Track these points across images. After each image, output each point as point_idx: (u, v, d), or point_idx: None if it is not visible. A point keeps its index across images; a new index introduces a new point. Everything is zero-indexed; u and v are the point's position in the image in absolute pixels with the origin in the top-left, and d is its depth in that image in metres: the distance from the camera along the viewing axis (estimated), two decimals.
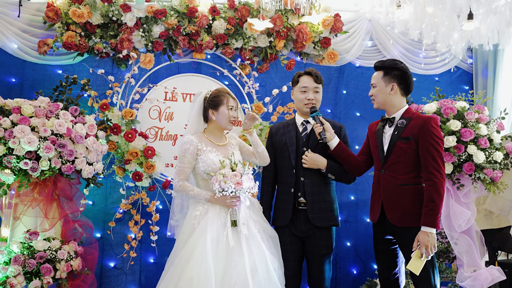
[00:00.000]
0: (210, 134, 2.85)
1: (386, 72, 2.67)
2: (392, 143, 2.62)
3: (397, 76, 2.66)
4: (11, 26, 3.55)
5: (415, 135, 2.55)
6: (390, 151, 2.62)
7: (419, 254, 2.42)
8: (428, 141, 2.51)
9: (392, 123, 2.66)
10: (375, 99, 2.72)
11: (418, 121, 2.58)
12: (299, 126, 2.97)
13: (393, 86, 2.65)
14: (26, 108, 2.95)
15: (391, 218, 2.58)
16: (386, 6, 3.69)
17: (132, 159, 3.47)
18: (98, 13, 3.54)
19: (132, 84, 3.68)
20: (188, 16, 3.64)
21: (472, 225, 3.04)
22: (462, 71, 4.34)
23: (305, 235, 2.84)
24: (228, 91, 2.91)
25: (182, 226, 2.74)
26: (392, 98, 2.67)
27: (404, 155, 2.57)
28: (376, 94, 2.70)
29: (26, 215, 2.97)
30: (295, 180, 2.86)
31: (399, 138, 2.60)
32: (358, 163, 2.86)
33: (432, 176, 2.47)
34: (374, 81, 2.72)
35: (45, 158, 2.90)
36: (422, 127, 2.53)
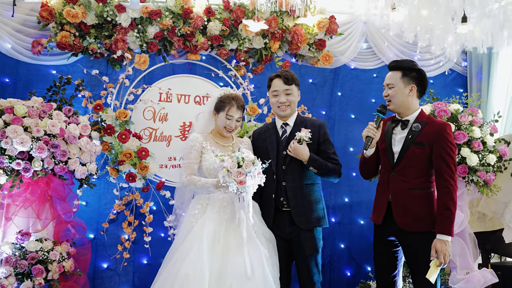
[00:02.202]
0: (215, 135, 2.93)
1: (405, 73, 2.60)
2: (405, 147, 2.56)
3: (416, 78, 2.60)
4: (5, 26, 3.53)
5: (430, 141, 2.51)
6: (402, 155, 2.56)
7: (437, 262, 2.41)
8: (444, 148, 2.48)
9: (406, 125, 2.60)
10: (393, 100, 2.61)
11: (433, 127, 2.54)
12: (279, 129, 2.96)
13: (412, 87, 2.59)
14: (19, 108, 2.94)
15: (400, 223, 2.54)
16: (381, 8, 3.70)
17: (126, 160, 3.46)
18: (92, 13, 3.53)
19: (126, 85, 3.67)
20: (183, 17, 3.63)
21: (466, 227, 3.05)
22: (457, 73, 4.36)
23: (289, 236, 2.83)
24: (236, 99, 2.89)
25: (181, 224, 2.79)
26: (409, 100, 2.60)
27: (417, 160, 2.53)
28: (394, 95, 2.60)
29: (18, 215, 2.96)
30: (276, 185, 2.84)
31: (413, 142, 2.54)
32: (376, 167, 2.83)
33: (447, 183, 2.45)
34: (391, 81, 2.61)
35: (38, 159, 2.88)
36: (438, 133, 2.50)
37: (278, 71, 2.94)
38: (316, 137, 2.87)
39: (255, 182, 2.58)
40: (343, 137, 4.10)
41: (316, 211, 2.84)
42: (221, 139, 2.92)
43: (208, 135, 2.92)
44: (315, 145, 2.86)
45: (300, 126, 2.87)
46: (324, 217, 2.89)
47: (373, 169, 2.79)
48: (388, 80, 2.63)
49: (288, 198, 2.81)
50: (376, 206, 2.71)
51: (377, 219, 2.68)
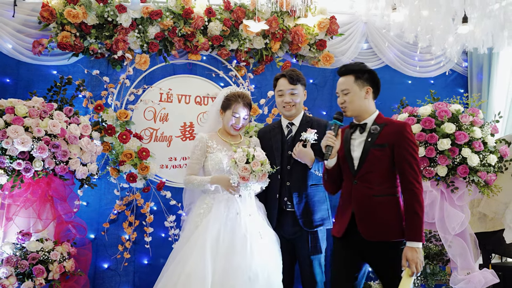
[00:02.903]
0: (222, 133, 2.94)
1: (358, 76, 2.46)
2: (365, 150, 2.41)
3: (369, 79, 2.48)
4: (5, 26, 3.54)
5: (390, 142, 2.38)
6: (363, 159, 2.40)
7: (409, 272, 2.25)
8: (405, 149, 2.35)
9: (364, 129, 2.46)
10: (349, 106, 2.46)
11: (393, 127, 2.41)
12: (284, 129, 2.95)
13: (368, 90, 2.47)
14: (20, 108, 2.94)
15: (365, 233, 2.35)
16: (381, 8, 3.70)
17: (127, 160, 3.46)
18: (93, 13, 3.53)
19: (127, 85, 3.67)
20: (183, 17, 3.63)
21: (466, 228, 3.05)
22: (457, 74, 4.36)
23: (293, 237, 2.83)
24: (242, 97, 2.90)
25: (186, 224, 2.79)
26: (366, 103, 2.47)
27: (379, 164, 2.38)
28: (351, 101, 2.45)
29: (19, 215, 2.96)
30: (280, 185, 2.83)
31: (373, 145, 2.40)
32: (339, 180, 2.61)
33: (411, 185, 2.32)
34: (345, 87, 2.46)
35: (38, 159, 2.88)
36: (398, 133, 2.38)
37: (284, 71, 2.93)
38: (321, 137, 2.86)
39: (258, 183, 2.58)
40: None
41: (320, 212, 2.84)
42: (228, 137, 2.92)
43: (216, 134, 2.93)
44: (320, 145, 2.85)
45: (306, 126, 2.85)
46: (329, 218, 2.89)
47: (337, 181, 2.57)
48: (342, 86, 2.48)
49: (292, 198, 2.80)
50: (339, 218, 2.51)
51: (338, 231, 2.47)
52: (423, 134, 2.99)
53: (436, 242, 3.13)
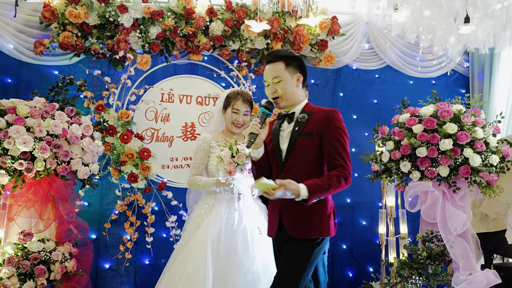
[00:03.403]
0: (225, 133, 2.96)
1: (288, 62, 2.26)
2: (292, 140, 2.22)
3: (299, 66, 2.29)
4: (7, 26, 3.54)
5: (318, 130, 2.19)
6: (290, 150, 2.21)
7: (275, 186, 2.03)
8: (334, 136, 2.18)
9: (292, 119, 2.27)
10: (283, 96, 2.25)
11: (321, 115, 2.24)
12: None
13: (298, 77, 2.27)
14: (21, 108, 2.94)
15: (289, 228, 2.19)
16: (383, 9, 3.70)
17: (128, 160, 3.46)
18: (94, 13, 3.53)
19: (128, 85, 3.67)
20: (185, 17, 3.63)
21: (468, 228, 3.04)
22: (459, 74, 4.36)
23: None
24: (241, 94, 2.92)
25: (187, 224, 2.79)
26: (297, 91, 2.28)
27: (306, 154, 2.20)
28: (284, 89, 2.24)
29: (20, 216, 2.95)
30: None
31: (300, 134, 2.22)
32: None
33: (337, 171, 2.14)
34: (277, 74, 2.24)
35: (40, 159, 2.88)
36: (327, 121, 2.20)
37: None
38: None
39: (245, 177, 2.58)
40: None
41: None
42: (231, 137, 2.92)
43: (219, 134, 2.95)
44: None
45: None
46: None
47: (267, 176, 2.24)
48: (272, 73, 2.25)
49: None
50: (270, 216, 2.34)
51: (271, 233, 2.30)
52: (425, 135, 2.98)
53: (438, 243, 3.12)
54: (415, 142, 2.99)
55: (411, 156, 3.04)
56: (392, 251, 3.53)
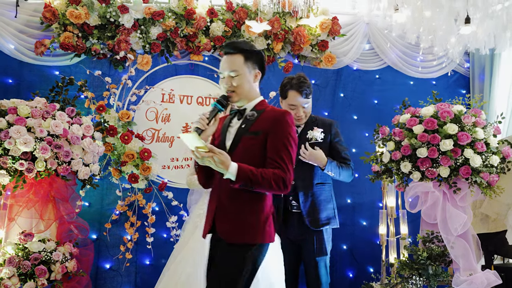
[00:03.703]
0: None
1: (247, 56, 2.12)
2: (237, 138, 2.10)
3: (259, 62, 2.16)
4: (8, 27, 3.54)
5: (265, 130, 2.06)
6: (233, 147, 2.07)
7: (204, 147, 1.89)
8: (281, 139, 2.04)
9: (242, 115, 2.15)
10: (238, 91, 2.10)
11: (271, 114, 2.10)
12: None
13: (257, 74, 2.15)
14: (22, 109, 2.94)
15: (220, 231, 2.03)
16: (384, 9, 3.70)
17: (129, 161, 3.46)
18: (95, 14, 3.53)
19: (129, 86, 3.67)
20: (186, 18, 3.64)
21: (469, 229, 3.04)
22: (459, 75, 4.36)
23: (299, 238, 2.82)
24: None
25: (186, 224, 2.79)
26: (254, 88, 2.15)
27: (249, 154, 2.05)
28: (240, 85, 2.09)
29: (21, 216, 2.96)
30: None
31: (246, 132, 2.09)
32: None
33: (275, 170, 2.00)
34: (235, 67, 2.09)
35: (41, 159, 2.88)
36: (276, 121, 2.07)
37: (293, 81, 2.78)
38: (327, 136, 2.86)
39: None
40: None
41: (326, 211, 2.83)
42: None
43: None
44: (326, 144, 2.85)
45: (312, 125, 2.85)
46: (335, 217, 2.88)
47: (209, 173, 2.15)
48: (230, 65, 2.11)
49: (297, 198, 2.80)
50: (206, 215, 2.18)
51: (204, 233, 2.13)
52: (426, 135, 2.99)
53: (438, 243, 3.12)
54: (416, 142, 2.99)
55: (411, 157, 3.04)
56: (392, 252, 3.53)
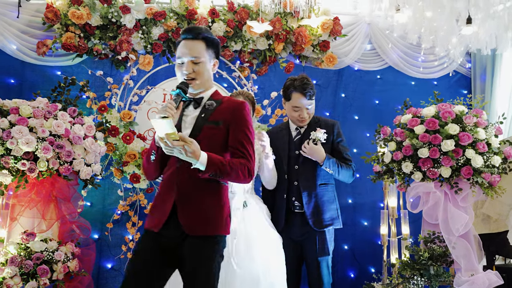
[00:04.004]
0: None
1: (208, 44, 2.10)
2: (197, 126, 2.06)
3: (217, 52, 2.16)
4: (10, 27, 3.55)
5: (225, 121, 2.07)
6: (194, 136, 2.00)
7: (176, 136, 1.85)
8: (242, 130, 2.06)
9: (199, 104, 2.11)
10: (199, 78, 2.07)
11: (230, 105, 2.10)
12: (293, 131, 2.94)
13: (215, 63, 2.15)
14: (24, 109, 2.95)
15: (185, 225, 1.97)
16: (385, 9, 3.70)
17: (130, 161, 3.46)
18: (97, 14, 3.54)
19: (130, 86, 3.68)
20: (187, 18, 3.64)
21: (470, 229, 3.04)
22: (461, 75, 4.36)
23: (301, 238, 2.82)
24: (242, 93, 2.88)
25: None
26: (211, 77, 2.15)
27: (210, 143, 2.03)
28: (201, 72, 2.06)
29: (23, 216, 2.96)
30: (287, 185, 2.83)
31: (206, 121, 2.07)
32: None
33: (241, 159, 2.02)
34: (197, 54, 2.05)
35: (43, 159, 2.89)
36: (236, 111, 2.08)
37: (297, 83, 2.77)
38: (330, 137, 2.86)
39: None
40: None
41: (329, 211, 2.83)
42: None
43: None
44: (329, 145, 2.85)
45: (315, 126, 2.85)
46: (338, 218, 2.88)
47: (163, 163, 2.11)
48: (192, 51, 2.05)
49: (301, 198, 2.80)
50: (156, 208, 2.07)
51: (156, 225, 2.01)
52: (427, 135, 2.99)
53: (440, 243, 3.12)
54: (417, 143, 2.99)
55: (413, 157, 3.04)
56: (394, 252, 3.53)
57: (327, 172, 2.83)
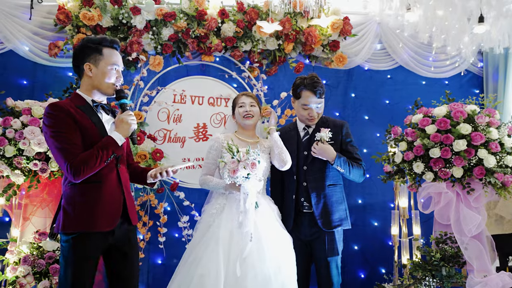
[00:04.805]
0: (239, 132, 2.95)
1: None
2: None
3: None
4: (22, 29, 3.60)
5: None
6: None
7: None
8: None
9: (109, 109, 2.32)
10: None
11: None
12: (301, 131, 2.94)
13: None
14: (36, 110, 2.98)
15: (133, 219, 2.28)
16: (395, 9, 3.68)
17: (141, 161, 3.48)
18: (108, 15, 3.57)
19: (141, 87, 3.70)
20: (197, 19, 3.65)
21: (483, 230, 3.01)
22: (472, 74, 4.32)
23: (310, 238, 2.81)
24: (243, 92, 3.01)
25: (199, 223, 2.79)
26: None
27: (126, 145, 2.38)
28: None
29: (35, 215, 3.00)
30: (296, 186, 2.83)
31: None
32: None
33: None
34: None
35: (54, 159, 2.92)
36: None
37: (307, 81, 2.79)
38: (338, 137, 2.85)
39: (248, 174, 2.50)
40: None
41: (338, 212, 2.82)
42: (245, 135, 2.91)
43: (233, 134, 2.94)
44: (337, 146, 2.84)
45: (322, 126, 2.84)
46: (347, 218, 2.87)
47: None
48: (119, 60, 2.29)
49: (310, 199, 2.79)
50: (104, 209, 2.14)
51: (110, 224, 2.15)
52: (438, 135, 2.96)
53: (452, 244, 3.09)
54: (428, 142, 2.97)
55: (424, 157, 3.02)
56: (405, 253, 3.50)
57: (336, 173, 2.82)
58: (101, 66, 2.20)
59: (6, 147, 2.86)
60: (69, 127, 2.09)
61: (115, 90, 2.25)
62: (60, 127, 2.08)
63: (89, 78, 2.22)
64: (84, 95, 2.23)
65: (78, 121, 2.11)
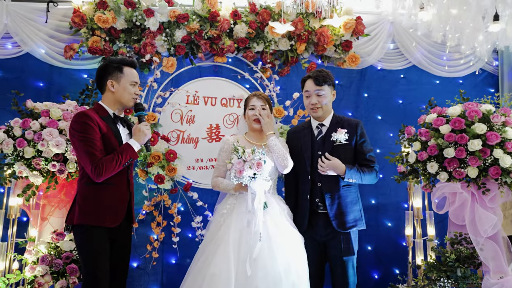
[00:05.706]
0: (249, 134, 2.99)
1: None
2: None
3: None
4: (39, 32, 3.66)
5: None
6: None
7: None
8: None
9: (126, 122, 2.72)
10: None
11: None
12: (314, 130, 2.94)
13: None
14: (54, 111, 3.03)
15: (133, 219, 2.70)
16: (408, 8, 3.66)
17: (155, 162, 3.52)
18: (122, 18, 3.61)
19: (154, 88, 3.74)
20: (210, 20, 3.68)
21: (499, 230, 2.98)
22: (487, 73, 4.27)
23: (325, 239, 2.81)
24: (255, 93, 3.03)
25: (210, 223, 2.83)
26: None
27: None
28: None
29: (53, 216, 3.05)
30: (310, 186, 2.82)
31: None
32: None
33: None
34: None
35: (72, 161, 2.97)
36: None
37: (311, 72, 2.93)
38: (352, 137, 2.85)
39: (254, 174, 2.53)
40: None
41: (353, 213, 2.81)
42: (255, 138, 2.94)
43: (242, 136, 2.98)
44: (351, 146, 2.84)
45: (337, 126, 2.84)
46: (361, 219, 2.86)
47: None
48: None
49: (324, 200, 2.79)
50: (111, 208, 2.46)
51: (115, 221, 2.47)
52: (453, 135, 2.94)
53: (467, 245, 3.06)
54: (443, 142, 2.94)
55: (438, 157, 2.99)
56: (419, 253, 3.48)
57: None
58: (122, 83, 2.56)
59: (25, 149, 2.92)
60: (95, 134, 2.40)
61: (135, 103, 2.61)
62: (87, 133, 2.39)
63: (111, 93, 2.55)
64: (107, 107, 2.56)
65: (101, 129, 2.44)
